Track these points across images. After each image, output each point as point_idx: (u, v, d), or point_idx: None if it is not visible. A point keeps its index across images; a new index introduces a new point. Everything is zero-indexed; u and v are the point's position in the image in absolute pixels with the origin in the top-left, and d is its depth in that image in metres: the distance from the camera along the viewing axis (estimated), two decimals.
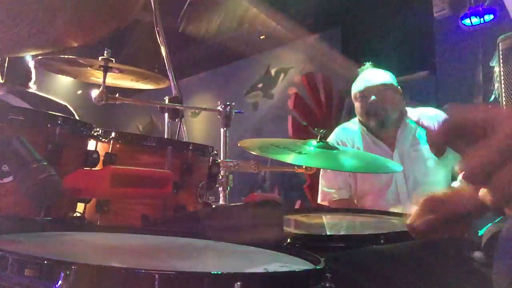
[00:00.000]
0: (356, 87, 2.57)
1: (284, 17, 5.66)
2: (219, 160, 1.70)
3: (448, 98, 4.21)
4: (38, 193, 0.82)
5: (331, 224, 1.76)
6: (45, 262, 0.60)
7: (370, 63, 2.69)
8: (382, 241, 1.28)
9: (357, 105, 2.59)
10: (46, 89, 3.02)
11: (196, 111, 6.78)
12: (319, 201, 2.67)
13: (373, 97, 2.48)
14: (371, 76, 2.55)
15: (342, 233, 1.66)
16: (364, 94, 2.51)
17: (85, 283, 0.58)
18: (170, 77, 2.02)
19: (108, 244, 0.93)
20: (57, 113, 1.24)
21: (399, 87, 2.59)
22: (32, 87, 2.81)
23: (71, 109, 2.76)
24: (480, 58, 3.95)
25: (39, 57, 1.83)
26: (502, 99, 2.09)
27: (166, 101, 1.97)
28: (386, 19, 4.75)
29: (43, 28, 0.65)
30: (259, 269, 0.78)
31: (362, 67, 2.67)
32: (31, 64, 2.70)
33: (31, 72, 2.77)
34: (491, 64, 2.31)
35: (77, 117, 2.62)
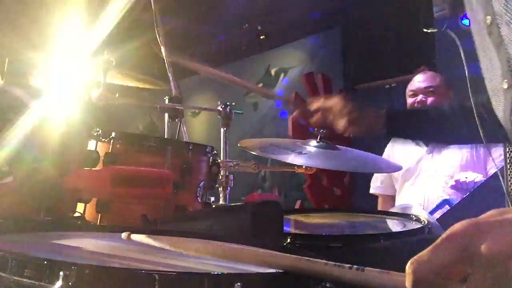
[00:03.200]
0: (410, 85, 2.91)
1: (284, 17, 5.65)
2: (219, 160, 1.70)
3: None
4: (38, 193, 0.82)
5: (331, 224, 1.76)
6: (45, 262, 0.60)
7: (425, 65, 3.22)
8: (382, 241, 1.28)
9: (407, 101, 2.90)
10: None
11: (196, 111, 6.77)
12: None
13: (420, 96, 2.79)
14: (422, 78, 2.87)
15: (342, 233, 1.66)
16: (414, 92, 2.83)
17: (85, 283, 0.58)
18: (170, 77, 2.02)
19: (108, 244, 0.93)
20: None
21: (449, 87, 2.85)
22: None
23: None
24: None
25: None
26: None
27: (166, 101, 1.97)
28: (386, 19, 4.75)
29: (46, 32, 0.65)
30: (260, 270, 0.77)
31: (418, 69, 3.10)
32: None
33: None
34: None
35: None
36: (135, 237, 0.82)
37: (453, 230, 0.52)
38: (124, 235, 0.82)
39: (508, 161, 1.66)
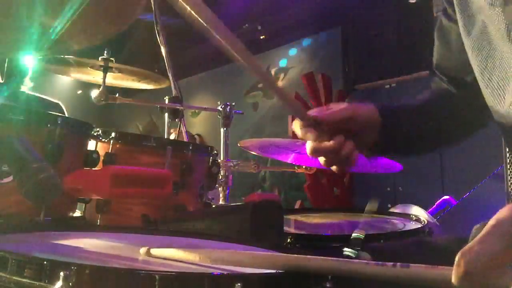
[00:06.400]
0: None
1: (284, 17, 5.65)
2: (219, 160, 1.70)
3: None
4: (38, 193, 0.82)
5: (331, 224, 1.76)
6: (45, 262, 0.59)
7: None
8: (382, 241, 1.28)
9: None
10: (46, 89, 3.01)
11: (196, 111, 6.78)
12: None
13: None
14: None
15: (342, 233, 1.66)
16: None
17: (85, 283, 0.58)
18: (170, 77, 2.02)
19: (108, 244, 0.93)
20: (57, 113, 1.24)
21: None
22: (28, 83, 2.79)
23: (63, 106, 2.75)
24: None
25: (39, 57, 1.83)
26: None
27: (166, 101, 1.97)
28: (386, 19, 4.75)
29: (46, 30, 0.65)
30: (260, 270, 0.77)
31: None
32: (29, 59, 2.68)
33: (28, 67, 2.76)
34: None
35: (66, 114, 2.61)
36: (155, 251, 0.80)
37: (499, 216, 0.50)
38: (142, 250, 0.81)
39: (508, 161, 1.66)
